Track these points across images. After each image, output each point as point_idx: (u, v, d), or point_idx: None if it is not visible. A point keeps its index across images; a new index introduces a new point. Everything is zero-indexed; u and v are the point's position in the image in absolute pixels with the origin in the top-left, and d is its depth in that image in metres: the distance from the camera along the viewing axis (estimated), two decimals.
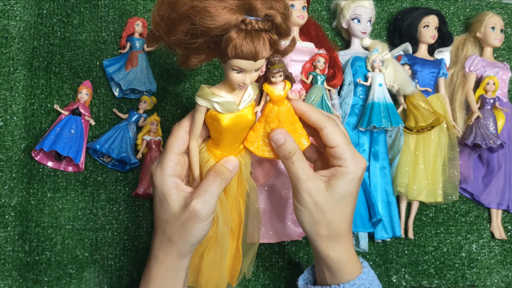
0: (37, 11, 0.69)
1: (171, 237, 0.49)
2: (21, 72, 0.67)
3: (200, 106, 0.47)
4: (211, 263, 0.56)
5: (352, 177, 0.49)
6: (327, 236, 0.50)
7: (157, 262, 0.50)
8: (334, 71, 0.71)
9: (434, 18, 0.77)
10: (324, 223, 0.49)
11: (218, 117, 0.46)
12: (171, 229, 0.48)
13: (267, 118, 0.50)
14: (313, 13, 0.79)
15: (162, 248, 0.50)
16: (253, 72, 0.44)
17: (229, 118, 0.47)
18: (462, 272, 0.75)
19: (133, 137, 0.66)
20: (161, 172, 0.48)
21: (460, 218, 0.77)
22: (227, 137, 0.48)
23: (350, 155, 0.49)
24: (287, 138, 0.50)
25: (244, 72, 0.44)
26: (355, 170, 0.49)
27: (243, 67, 0.43)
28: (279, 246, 0.70)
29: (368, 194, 0.69)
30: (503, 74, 0.79)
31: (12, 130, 0.66)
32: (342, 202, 0.49)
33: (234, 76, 0.44)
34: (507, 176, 0.77)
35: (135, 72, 0.67)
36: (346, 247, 0.51)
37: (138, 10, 0.72)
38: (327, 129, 0.50)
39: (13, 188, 0.64)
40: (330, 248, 0.51)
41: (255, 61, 0.42)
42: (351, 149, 0.50)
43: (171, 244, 0.49)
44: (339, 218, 0.50)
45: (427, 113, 0.71)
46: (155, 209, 0.50)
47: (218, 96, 0.46)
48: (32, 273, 0.63)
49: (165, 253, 0.50)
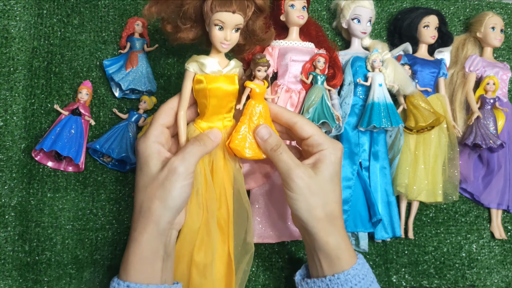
0: (37, 11, 0.69)
1: (149, 205, 0.50)
2: (21, 72, 0.67)
3: (188, 71, 0.53)
4: (201, 267, 0.55)
5: (334, 158, 0.54)
6: (324, 219, 0.53)
7: (135, 240, 0.50)
8: (334, 71, 0.71)
9: (434, 18, 0.77)
10: (319, 206, 0.53)
11: (203, 79, 0.52)
12: (151, 193, 0.50)
13: (250, 116, 0.54)
14: (313, 13, 0.79)
15: (140, 223, 0.50)
16: (233, 31, 0.52)
17: (213, 79, 0.52)
18: (462, 272, 0.75)
19: (133, 137, 0.66)
20: (145, 139, 0.52)
21: (460, 218, 0.77)
22: (212, 102, 0.53)
23: (327, 140, 0.55)
24: (272, 132, 0.54)
25: (225, 28, 0.51)
26: (335, 151, 0.54)
27: (223, 19, 0.50)
28: (279, 246, 0.70)
29: (368, 194, 0.69)
30: (503, 74, 0.79)
31: (12, 130, 0.66)
32: (332, 182, 0.54)
33: (217, 33, 0.51)
34: (507, 176, 0.77)
35: (135, 72, 0.67)
36: (342, 232, 0.54)
37: (138, 10, 0.72)
38: (299, 122, 0.55)
39: (13, 188, 0.64)
40: (328, 233, 0.53)
41: (233, 12, 0.50)
42: (325, 135, 0.55)
43: (149, 214, 0.50)
44: (332, 199, 0.53)
45: (427, 113, 0.71)
46: (136, 180, 0.52)
47: (204, 57, 0.53)
48: (32, 273, 0.63)
49: (143, 227, 0.50)
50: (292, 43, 0.71)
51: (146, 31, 0.70)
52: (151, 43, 0.71)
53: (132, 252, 0.50)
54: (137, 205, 0.52)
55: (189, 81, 0.53)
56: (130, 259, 0.50)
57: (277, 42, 0.71)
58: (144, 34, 0.70)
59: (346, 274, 0.52)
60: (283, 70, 0.70)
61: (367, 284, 0.53)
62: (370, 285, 0.54)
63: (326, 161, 0.54)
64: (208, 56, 0.53)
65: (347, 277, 0.52)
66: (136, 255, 0.50)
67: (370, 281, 0.54)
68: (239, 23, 0.52)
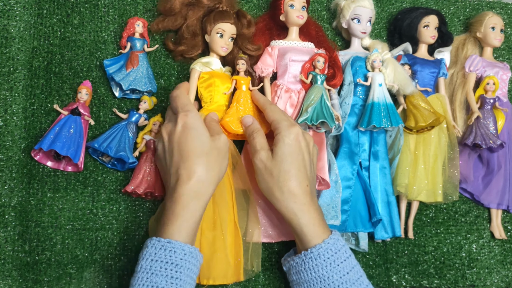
0: (37, 11, 0.69)
1: (200, 168, 0.56)
2: (21, 72, 0.67)
3: (194, 70, 0.66)
4: (211, 239, 0.61)
5: (287, 140, 0.59)
6: (282, 197, 0.58)
7: (186, 205, 0.55)
8: (334, 71, 0.71)
9: (434, 18, 0.76)
10: (276, 185, 0.58)
11: (209, 74, 0.66)
12: (205, 159, 0.57)
13: (237, 101, 0.66)
14: (313, 13, 0.79)
15: (190, 189, 0.55)
16: (229, 40, 0.66)
17: (216, 74, 0.66)
18: (462, 272, 0.75)
19: (132, 137, 0.66)
20: (195, 114, 0.59)
21: (460, 218, 0.77)
22: (217, 90, 0.65)
23: (283, 124, 0.60)
24: (253, 121, 0.64)
25: (224, 36, 0.66)
26: (289, 134, 0.59)
27: (223, 28, 0.66)
28: (279, 246, 0.70)
29: (368, 194, 0.69)
30: (503, 74, 0.79)
31: (12, 130, 0.66)
32: (285, 162, 0.58)
33: (218, 39, 0.66)
34: (507, 176, 0.77)
35: (136, 72, 0.67)
36: (304, 208, 0.57)
37: (138, 10, 0.72)
38: (268, 108, 0.63)
39: (13, 188, 0.64)
40: (292, 211, 0.57)
41: (231, 23, 0.66)
42: (285, 120, 0.61)
43: (205, 180, 0.56)
44: (285, 177, 0.58)
45: (427, 113, 0.71)
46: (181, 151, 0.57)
47: (208, 57, 0.67)
48: (32, 273, 0.63)
49: (195, 193, 0.56)
50: (291, 43, 0.71)
51: (146, 31, 0.70)
52: (151, 43, 0.71)
53: (175, 209, 0.55)
54: (187, 172, 0.56)
55: (195, 77, 0.66)
56: (169, 216, 0.55)
57: (276, 42, 0.71)
58: (145, 34, 0.70)
59: (318, 248, 0.55)
60: (282, 70, 0.70)
61: (342, 258, 0.56)
62: (346, 259, 0.56)
63: (279, 144, 0.59)
64: (211, 57, 0.67)
65: (319, 251, 0.55)
66: (177, 212, 0.55)
67: (346, 256, 0.56)
68: (233, 32, 0.67)
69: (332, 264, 0.55)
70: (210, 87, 0.65)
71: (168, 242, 0.53)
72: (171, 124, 0.60)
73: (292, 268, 0.58)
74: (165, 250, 0.52)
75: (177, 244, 0.53)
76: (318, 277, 0.55)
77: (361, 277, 0.57)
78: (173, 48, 0.70)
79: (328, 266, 0.55)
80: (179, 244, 0.53)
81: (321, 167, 0.67)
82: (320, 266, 0.55)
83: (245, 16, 0.70)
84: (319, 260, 0.55)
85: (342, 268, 0.55)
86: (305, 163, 0.60)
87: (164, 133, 0.60)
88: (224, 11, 0.67)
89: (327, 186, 0.67)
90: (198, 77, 0.66)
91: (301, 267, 0.57)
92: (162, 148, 0.60)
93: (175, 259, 0.52)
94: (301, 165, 0.59)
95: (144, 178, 0.64)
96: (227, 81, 0.67)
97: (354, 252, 0.72)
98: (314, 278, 0.55)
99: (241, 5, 0.76)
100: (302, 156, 0.59)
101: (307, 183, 0.59)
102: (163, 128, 0.61)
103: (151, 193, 0.66)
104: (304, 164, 0.59)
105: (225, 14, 0.66)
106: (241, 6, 0.75)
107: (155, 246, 0.53)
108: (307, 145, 0.61)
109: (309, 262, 0.56)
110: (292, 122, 0.61)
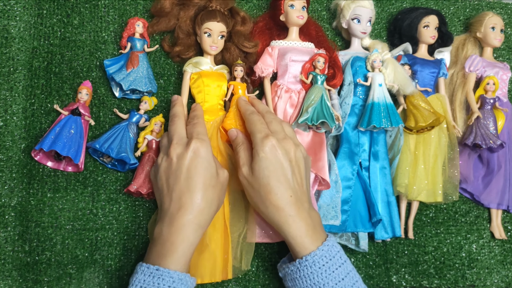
0: (37, 11, 0.69)
1: (205, 201, 0.56)
2: (21, 72, 0.67)
3: (186, 72, 0.68)
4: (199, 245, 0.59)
5: (262, 154, 0.58)
6: (266, 211, 0.58)
7: (178, 231, 0.54)
8: (334, 71, 0.71)
9: (434, 18, 0.77)
10: (259, 199, 0.58)
11: (198, 75, 0.67)
12: (211, 192, 0.57)
13: (236, 107, 0.67)
14: (313, 13, 0.79)
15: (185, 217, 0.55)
16: (218, 38, 0.67)
17: (206, 73, 0.67)
18: (462, 272, 0.75)
19: (133, 138, 0.66)
20: (208, 145, 0.59)
21: (460, 218, 0.77)
22: (207, 90, 0.67)
23: (258, 137, 0.59)
24: (237, 134, 0.64)
25: (212, 35, 0.67)
26: (262, 146, 0.58)
27: (210, 27, 0.66)
28: (279, 246, 0.70)
29: (368, 194, 0.69)
30: (503, 74, 0.79)
31: (12, 130, 0.66)
32: (263, 177, 0.57)
33: (207, 39, 0.67)
34: (507, 176, 0.77)
35: (136, 73, 0.67)
36: (289, 220, 0.56)
37: (138, 10, 0.72)
38: (246, 119, 0.63)
39: (13, 188, 0.64)
40: (275, 223, 0.57)
41: (217, 21, 0.66)
42: (260, 131, 0.59)
43: (200, 213, 0.55)
44: (265, 191, 0.57)
45: (427, 113, 0.71)
46: (189, 178, 0.56)
47: (198, 57, 0.68)
48: (32, 273, 0.63)
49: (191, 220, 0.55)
50: (291, 43, 0.71)
51: (146, 31, 0.70)
52: (151, 43, 0.71)
53: (175, 240, 0.54)
54: (191, 202, 0.55)
55: (186, 79, 0.68)
56: (168, 246, 0.54)
57: (276, 42, 0.71)
58: (145, 34, 0.70)
59: (313, 255, 0.55)
60: (282, 70, 0.70)
61: (337, 264, 0.55)
62: (340, 265, 0.56)
63: (255, 158, 0.58)
64: (201, 57, 0.68)
65: (314, 258, 0.55)
66: (177, 244, 0.54)
67: (341, 262, 0.56)
68: (222, 30, 0.67)
69: (327, 271, 0.55)
70: (199, 87, 0.67)
71: (156, 269, 0.53)
72: (182, 147, 0.58)
73: (288, 275, 0.58)
74: (153, 277, 0.52)
75: (165, 271, 0.52)
76: (314, 285, 0.55)
77: (356, 282, 0.56)
78: (169, 50, 0.70)
79: (324, 273, 0.54)
80: (167, 272, 0.52)
81: (321, 167, 0.67)
82: (315, 274, 0.55)
83: (239, 13, 0.70)
84: (314, 267, 0.55)
85: (337, 274, 0.55)
86: (285, 173, 0.58)
87: (173, 154, 0.58)
88: (211, 10, 0.67)
89: (327, 186, 0.67)
90: (190, 78, 0.68)
91: (296, 275, 0.56)
92: (167, 168, 0.58)
93: (163, 286, 0.52)
94: (280, 176, 0.57)
95: (146, 178, 0.64)
96: (219, 79, 0.67)
97: (354, 252, 0.72)
98: (309, 285, 0.55)
99: (241, 5, 0.76)
100: (280, 166, 0.57)
101: (290, 193, 0.57)
102: (172, 149, 0.58)
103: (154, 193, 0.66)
104: (284, 173, 0.58)
105: (212, 13, 0.67)
106: (241, 6, 0.75)
107: (144, 272, 0.53)
108: (286, 153, 0.58)
109: (304, 270, 0.55)
110: (266, 133, 0.59)
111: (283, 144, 0.59)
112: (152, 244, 0.56)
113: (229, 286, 0.68)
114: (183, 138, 0.60)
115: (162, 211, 0.58)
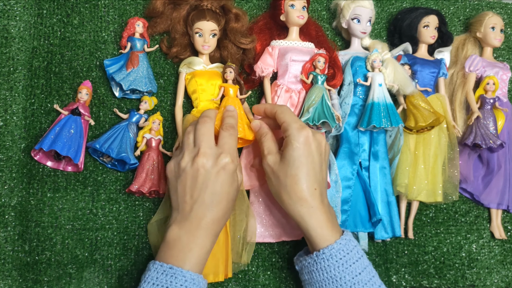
0: (37, 11, 0.69)
1: (226, 213, 0.57)
2: (21, 72, 0.67)
3: (180, 73, 0.69)
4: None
5: (296, 144, 0.58)
6: (289, 201, 0.58)
7: (195, 234, 0.55)
8: (334, 71, 0.71)
9: (434, 18, 0.77)
10: (283, 189, 0.58)
11: (192, 75, 0.67)
12: (232, 204, 0.58)
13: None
14: (313, 13, 0.79)
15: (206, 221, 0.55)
16: (210, 36, 0.67)
17: (199, 73, 0.67)
18: (462, 272, 0.75)
19: (133, 138, 0.66)
20: (236, 160, 0.58)
21: (460, 218, 0.77)
22: (201, 90, 0.67)
23: (294, 127, 0.59)
24: (261, 125, 0.64)
25: (203, 34, 0.67)
26: (297, 137, 0.58)
27: (200, 27, 0.66)
28: (279, 246, 0.70)
29: (368, 194, 0.69)
30: (503, 74, 0.79)
31: (12, 130, 0.66)
32: (292, 167, 0.57)
33: (198, 39, 0.67)
34: (507, 176, 0.77)
35: (136, 73, 0.67)
36: (311, 211, 0.57)
37: (138, 10, 0.72)
38: (278, 110, 0.62)
39: (13, 188, 0.64)
40: (297, 213, 0.57)
41: (207, 20, 0.66)
42: (296, 122, 0.60)
43: (219, 223, 0.56)
44: (292, 181, 0.57)
45: (427, 113, 0.71)
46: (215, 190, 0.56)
47: (192, 57, 0.68)
48: (32, 273, 0.63)
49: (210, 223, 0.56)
50: (292, 43, 0.71)
51: (146, 31, 0.70)
52: (151, 43, 0.71)
53: (193, 248, 0.54)
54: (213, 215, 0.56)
55: (182, 81, 0.69)
56: (185, 253, 0.54)
57: (277, 42, 0.71)
58: (145, 34, 0.70)
59: (330, 249, 0.55)
60: (283, 70, 0.70)
61: (355, 258, 0.55)
62: (358, 259, 0.56)
63: (287, 148, 0.58)
64: (194, 57, 0.69)
65: (331, 252, 0.55)
66: (194, 251, 0.54)
67: (358, 256, 0.56)
68: (213, 29, 0.67)
69: (344, 264, 0.55)
70: (193, 87, 0.67)
71: (170, 267, 0.53)
72: (212, 160, 0.56)
73: (304, 268, 0.58)
74: (166, 275, 0.52)
75: (178, 270, 0.52)
76: (330, 278, 0.55)
77: (373, 277, 0.56)
78: (167, 52, 0.70)
79: (340, 267, 0.54)
80: (180, 271, 0.52)
81: None
82: (332, 267, 0.55)
83: (231, 10, 0.69)
84: (331, 261, 0.55)
85: (354, 268, 0.55)
86: (314, 166, 0.58)
87: (200, 164, 0.56)
88: (200, 10, 0.67)
89: (327, 186, 0.67)
90: (185, 79, 0.68)
91: (313, 267, 0.56)
92: (193, 177, 0.56)
93: (175, 285, 0.52)
94: (310, 168, 0.58)
95: (147, 177, 0.64)
96: (212, 78, 0.67)
97: None
98: (326, 278, 0.55)
99: (241, 5, 0.76)
100: (311, 159, 0.58)
101: (315, 186, 0.58)
102: (201, 158, 0.56)
103: (156, 191, 0.66)
104: (313, 166, 0.58)
105: (201, 12, 0.67)
106: (241, 6, 0.75)
107: (157, 270, 0.53)
108: (318, 146, 0.59)
109: (321, 263, 0.55)
110: (301, 124, 0.60)
111: (317, 136, 0.60)
112: (167, 247, 0.55)
113: (229, 286, 0.68)
114: (212, 147, 0.57)
115: (179, 214, 0.56)
